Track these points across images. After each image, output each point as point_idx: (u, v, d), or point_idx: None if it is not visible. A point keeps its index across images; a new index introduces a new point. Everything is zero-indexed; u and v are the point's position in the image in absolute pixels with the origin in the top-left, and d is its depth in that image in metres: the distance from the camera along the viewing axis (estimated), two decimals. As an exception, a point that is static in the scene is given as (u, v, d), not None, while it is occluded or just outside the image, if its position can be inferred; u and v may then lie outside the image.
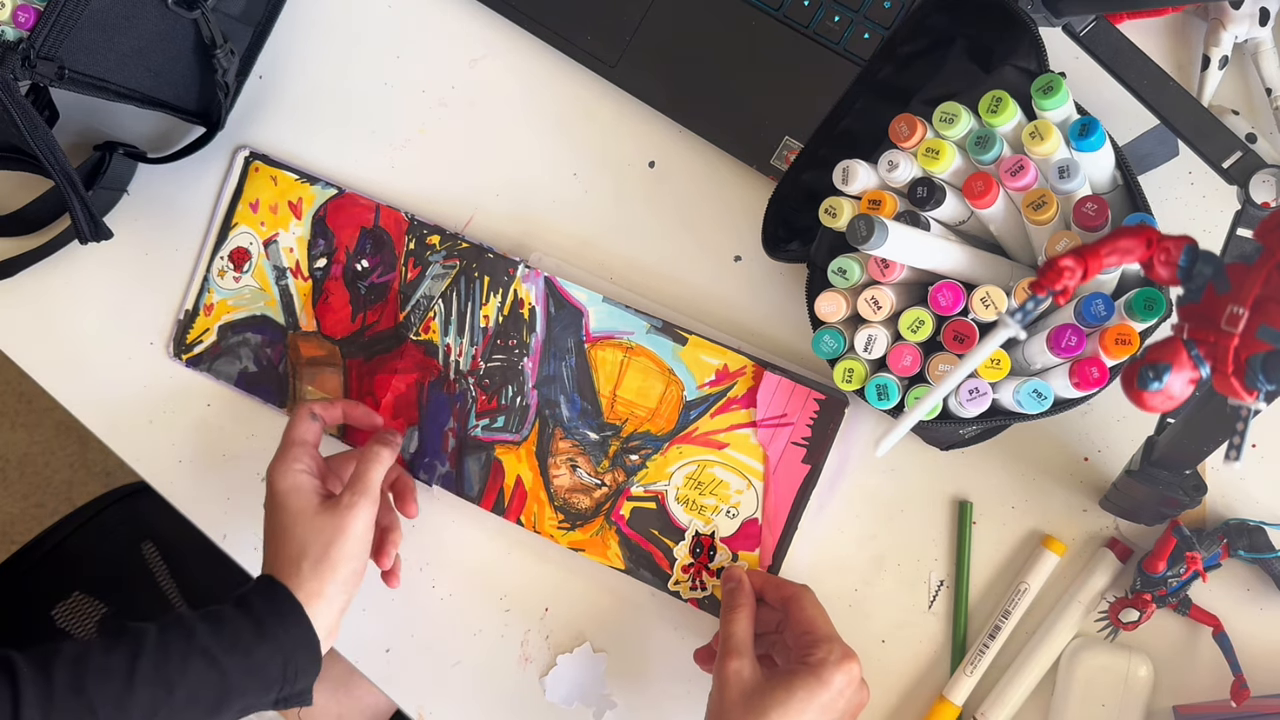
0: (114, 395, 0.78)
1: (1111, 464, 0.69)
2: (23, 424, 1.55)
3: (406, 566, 0.75)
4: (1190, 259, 0.47)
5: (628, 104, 0.74)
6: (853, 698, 0.62)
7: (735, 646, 0.64)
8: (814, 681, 0.61)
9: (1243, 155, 0.60)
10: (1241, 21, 0.66)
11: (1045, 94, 0.57)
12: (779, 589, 0.67)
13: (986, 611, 0.70)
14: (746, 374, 0.71)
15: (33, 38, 0.61)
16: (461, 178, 0.76)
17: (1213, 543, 0.66)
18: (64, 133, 0.77)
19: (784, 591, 0.66)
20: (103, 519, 1.01)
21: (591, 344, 0.72)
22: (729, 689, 0.62)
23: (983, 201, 0.58)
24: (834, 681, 0.61)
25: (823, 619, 0.65)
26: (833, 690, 0.61)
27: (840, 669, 0.61)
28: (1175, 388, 0.46)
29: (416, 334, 0.74)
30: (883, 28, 0.70)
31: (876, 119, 0.63)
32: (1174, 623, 0.68)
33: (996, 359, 0.59)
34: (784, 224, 0.68)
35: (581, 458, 0.72)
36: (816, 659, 0.62)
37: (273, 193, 0.76)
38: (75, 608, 0.98)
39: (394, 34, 0.77)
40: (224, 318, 0.77)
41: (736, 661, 0.63)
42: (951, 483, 0.71)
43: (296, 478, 0.66)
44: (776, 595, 0.67)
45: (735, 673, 0.62)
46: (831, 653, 0.62)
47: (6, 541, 1.53)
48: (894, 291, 0.61)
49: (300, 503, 0.66)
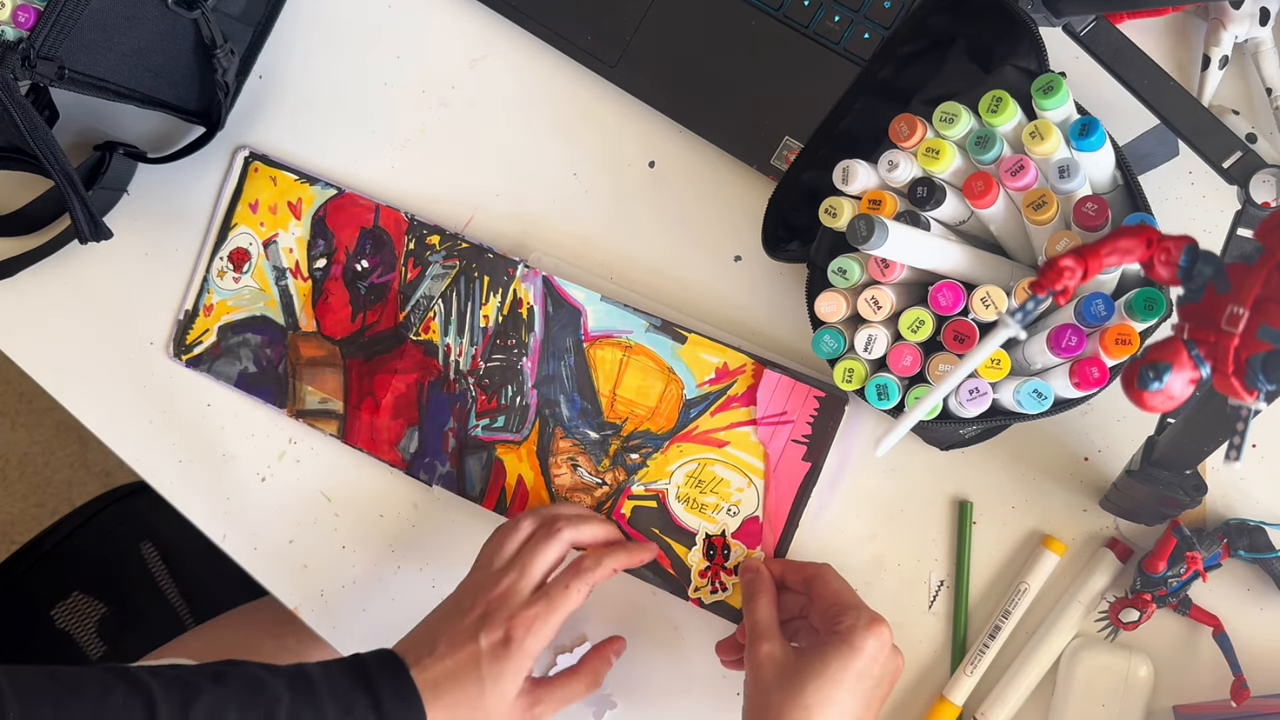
0: (114, 395, 0.78)
1: (1111, 464, 0.69)
2: (23, 424, 1.55)
3: (407, 567, 0.75)
4: (1190, 259, 0.47)
5: (628, 104, 0.74)
6: (887, 663, 0.61)
7: (762, 631, 0.63)
8: (846, 649, 0.60)
9: (1243, 155, 0.60)
10: (1242, 21, 0.66)
11: (1045, 94, 0.57)
12: (799, 571, 0.66)
13: (986, 611, 0.70)
14: (746, 372, 0.71)
15: (33, 38, 0.61)
16: (461, 178, 0.76)
17: (1213, 543, 0.66)
18: (64, 133, 0.77)
19: (805, 572, 0.66)
20: (102, 519, 1.01)
21: (590, 343, 0.72)
22: (763, 671, 0.61)
23: (983, 201, 0.58)
24: (866, 646, 0.60)
25: (847, 590, 0.64)
26: (866, 656, 0.60)
27: (871, 633, 0.60)
28: (1175, 388, 0.46)
29: (416, 334, 0.74)
30: (883, 28, 0.70)
31: (876, 119, 0.63)
32: (1174, 623, 0.68)
33: (996, 359, 0.59)
34: (784, 224, 0.68)
35: (582, 457, 0.72)
36: (845, 626, 0.61)
37: (272, 193, 0.76)
38: (75, 608, 0.98)
39: (394, 34, 0.77)
40: (224, 318, 0.77)
41: (767, 645, 0.62)
42: (951, 483, 0.71)
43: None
44: (798, 577, 0.66)
45: (767, 656, 0.61)
46: (860, 618, 0.61)
47: (6, 541, 1.53)
48: (894, 291, 0.61)
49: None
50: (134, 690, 0.57)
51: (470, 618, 0.64)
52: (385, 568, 0.75)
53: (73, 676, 0.58)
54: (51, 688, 0.57)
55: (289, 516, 0.76)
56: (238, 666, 0.61)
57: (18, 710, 0.55)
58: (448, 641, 0.63)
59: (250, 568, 0.76)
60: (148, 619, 0.99)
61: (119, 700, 0.57)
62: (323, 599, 0.76)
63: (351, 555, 0.76)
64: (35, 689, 0.57)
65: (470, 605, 0.64)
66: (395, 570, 0.75)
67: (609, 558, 0.66)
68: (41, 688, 0.57)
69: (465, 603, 0.65)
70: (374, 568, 0.75)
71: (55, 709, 0.56)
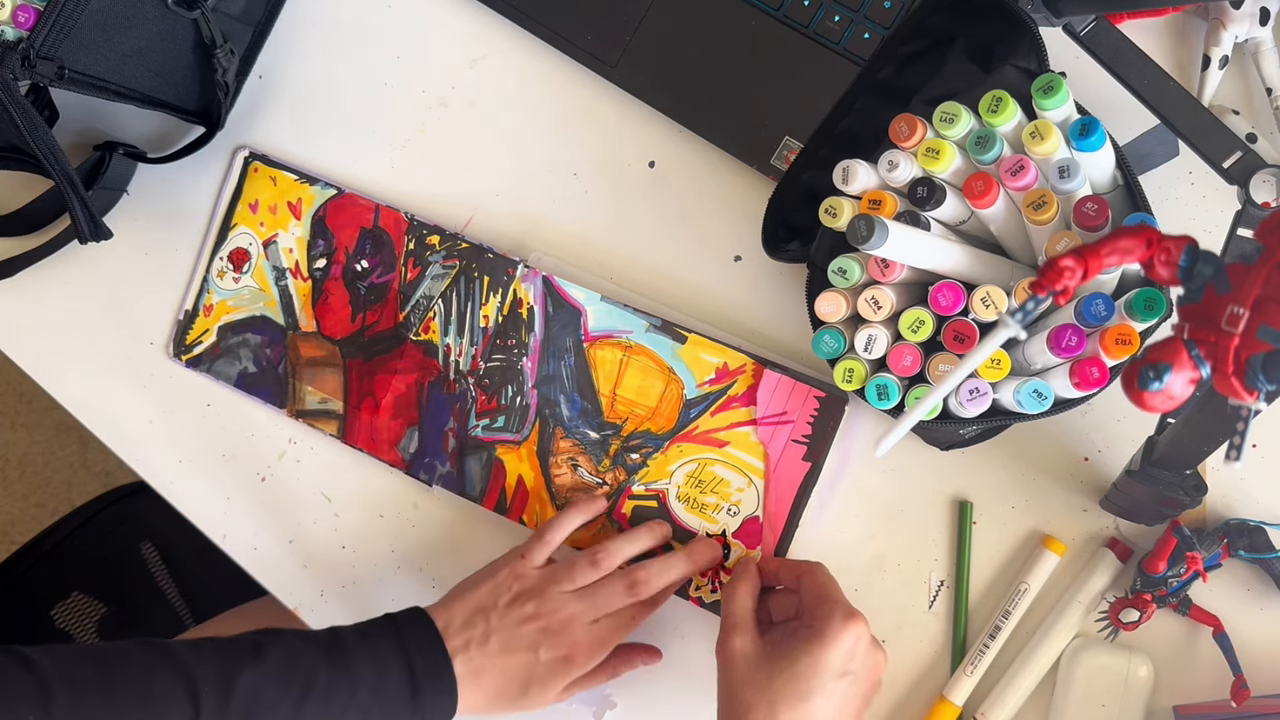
0: (114, 395, 0.78)
1: (1111, 464, 0.69)
2: (23, 424, 1.55)
3: (408, 567, 0.75)
4: (1190, 259, 0.47)
5: (628, 104, 0.74)
6: (865, 658, 0.60)
7: (735, 621, 0.62)
8: (816, 642, 0.58)
9: (1243, 155, 0.60)
10: (1242, 21, 0.66)
11: (1045, 94, 0.57)
12: (793, 569, 0.66)
13: (986, 611, 0.70)
14: (746, 372, 0.71)
15: (33, 38, 0.61)
16: (461, 178, 0.76)
17: (1213, 543, 0.66)
18: (64, 133, 0.77)
19: (797, 569, 0.65)
20: (102, 519, 1.01)
21: (590, 343, 0.72)
22: (733, 668, 0.60)
23: (983, 201, 0.58)
24: (838, 640, 0.58)
25: (831, 586, 0.63)
26: (838, 650, 0.58)
27: (846, 628, 0.59)
28: (1175, 388, 0.46)
29: (416, 334, 0.74)
30: (883, 28, 0.70)
31: (876, 119, 0.63)
32: (1174, 623, 0.68)
33: (997, 359, 0.59)
34: (784, 224, 0.68)
35: (582, 457, 0.72)
36: (820, 619, 0.59)
37: (272, 193, 0.76)
38: (74, 608, 0.98)
39: (394, 34, 0.77)
40: (224, 318, 0.77)
41: (738, 638, 0.61)
42: (951, 483, 0.71)
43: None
44: (791, 575, 0.65)
45: (738, 650, 0.60)
46: (835, 613, 0.59)
47: (6, 541, 1.53)
48: (894, 291, 0.61)
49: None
50: (176, 670, 0.59)
51: (532, 626, 0.65)
52: (385, 568, 0.75)
53: (116, 655, 0.59)
54: (94, 673, 0.58)
55: (289, 516, 0.76)
56: (278, 638, 0.62)
57: (64, 699, 0.56)
58: (502, 641, 0.64)
59: (250, 568, 0.76)
60: (148, 619, 0.99)
61: (163, 684, 0.58)
62: (323, 599, 0.76)
63: (351, 555, 0.76)
64: (78, 674, 0.58)
65: (533, 614, 0.65)
66: (395, 570, 0.75)
67: (672, 587, 0.68)
68: (84, 674, 0.58)
69: (528, 610, 0.65)
70: (374, 568, 0.75)
71: (101, 692, 0.57)
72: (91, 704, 0.57)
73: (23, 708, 0.55)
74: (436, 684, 0.63)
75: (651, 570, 0.67)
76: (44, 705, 0.56)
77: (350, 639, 0.63)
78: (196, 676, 0.59)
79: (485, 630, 0.64)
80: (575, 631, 0.65)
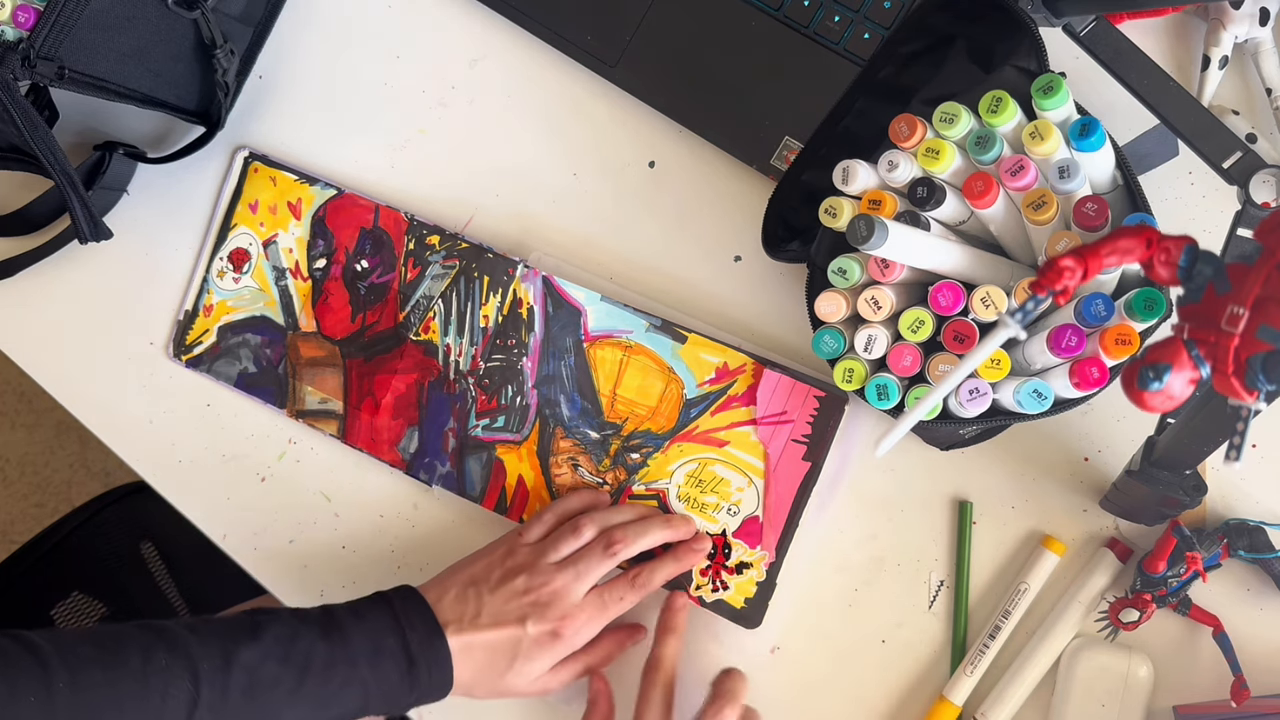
0: (114, 395, 0.78)
1: (1111, 464, 0.69)
2: (23, 424, 1.56)
3: (409, 567, 0.75)
4: (1190, 259, 0.47)
5: (627, 104, 0.74)
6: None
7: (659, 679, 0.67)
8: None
9: (1243, 155, 0.60)
10: (1241, 21, 0.66)
11: (1045, 94, 0.57)
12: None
13: (986, 611, 0.70)
14: (746, 372, 0.71)
15: (33, 38, 0.61)
16: (461, 178, 0.76)
17: (1213, 543, 0.66)
18: (64, 133, 0.77)
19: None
20: (102, 519, 1.01)
21: (590, 343, 0.72)
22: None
23: (983, 201, 0.58)
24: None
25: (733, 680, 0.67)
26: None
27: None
28: (1175, 388, 0.46)
29: (416, 334, 0.74)
30: (883, 28, 0.70)
31: (876, 119, 0.63)
32: (1174, 623, 0.68)
33: (996, 359, 0.59)
34: (784, 224, 0.68)
35: (583, 456, 0.73)
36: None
37: (272, 193, 0.76)
38: (74, 607, 0.98)
39: (394, 34, 0.77)
40: (224, 318, 0.77)
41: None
42: (951, 483, 0.71)
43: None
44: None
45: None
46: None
47: (6, 541, 1.53)
48: (894, 291, 0.61)
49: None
50: (175, 650, 0.60)
51: (521, 601, 0.66)
52: (385, 568, 0.75)
53: (116, 637, 0.60)
54: (95, 653, 0.59)
55: (289, 516, 0.76)
56: (275, 616, 0.63)
57: (66, 678, 0.57)
58: (492, 615, 0.65)
59: (250, 568, 0.76)
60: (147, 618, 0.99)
61: (163, 663, 0.59)
62: (322, 599, 0.75)
63: (351, 555, 0.76)
64: (79, 655, 0.59)
65: (523, 588, 0.66)
66: (395, 570, 0.75)
67: (660, 571, 0.69)
68: (85, 655, 0.59)
69: (518, 584, 0.66)
70: (374, 568, 0.75)
71: (102, 672, 0.58)
72: (93, 684, 0.58)
73: (25, 688, 0.57)
74: (432, 657, 0.64)
75: (629, 530, 0.68)
76: (46, 685, 0.57)
77: (345, 616, 0.64)
78: (196, 655, 0.60)
79: (477, 606, 0.65)
80: (563, 605, 0.66)
